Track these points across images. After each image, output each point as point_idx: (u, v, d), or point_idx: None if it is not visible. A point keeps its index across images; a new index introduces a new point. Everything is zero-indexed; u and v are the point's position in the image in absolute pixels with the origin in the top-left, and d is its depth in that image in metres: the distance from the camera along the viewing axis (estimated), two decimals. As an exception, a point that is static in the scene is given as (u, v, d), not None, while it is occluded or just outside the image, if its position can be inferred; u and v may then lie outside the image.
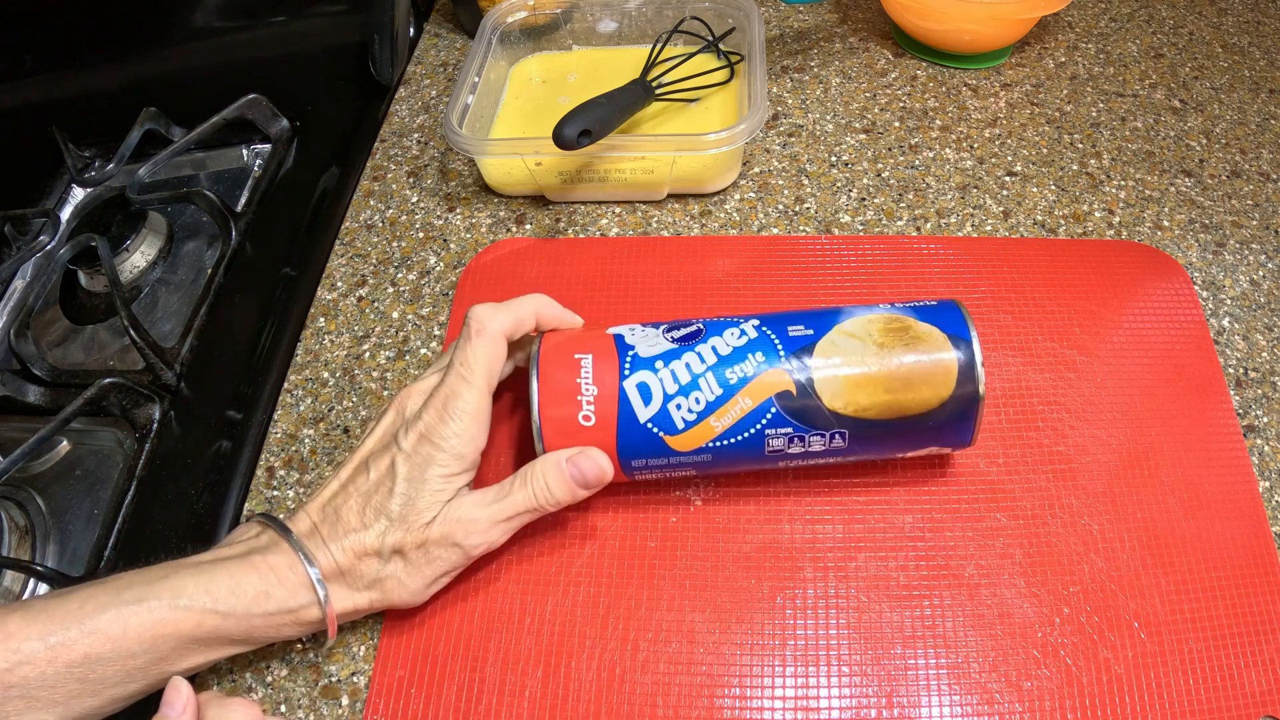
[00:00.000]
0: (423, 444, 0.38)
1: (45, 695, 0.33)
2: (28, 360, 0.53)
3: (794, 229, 0.55)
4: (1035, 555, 0.41)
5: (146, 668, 0.35)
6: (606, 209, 0.57)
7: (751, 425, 0.38)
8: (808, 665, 0.39)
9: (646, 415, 0.38)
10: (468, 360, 0.39)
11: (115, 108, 0.65)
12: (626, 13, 0.64)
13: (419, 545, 0.37)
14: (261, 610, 0.36)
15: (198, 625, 0.35)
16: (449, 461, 0.38)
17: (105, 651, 0.34)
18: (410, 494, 0.37)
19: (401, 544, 0.37)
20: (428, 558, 0.37)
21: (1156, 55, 0.65)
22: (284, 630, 0.37)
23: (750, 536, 0.42)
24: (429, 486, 0.37)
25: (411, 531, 0.37)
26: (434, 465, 0.37)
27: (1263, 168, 0.57)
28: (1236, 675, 0.38)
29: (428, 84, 0.68)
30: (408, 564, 0.37)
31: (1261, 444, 0.45)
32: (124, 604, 0.34)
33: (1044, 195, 0.56)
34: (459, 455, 0.38)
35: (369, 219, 0.59)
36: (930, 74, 0.64)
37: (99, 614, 0.34)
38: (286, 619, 0.36)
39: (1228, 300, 0.50)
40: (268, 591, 0.36)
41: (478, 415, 0.38)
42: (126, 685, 0.35)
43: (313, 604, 0.37)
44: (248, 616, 0.35)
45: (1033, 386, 0.47)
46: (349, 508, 0.38)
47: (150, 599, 0.34)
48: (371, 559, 0.37)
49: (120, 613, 0.34)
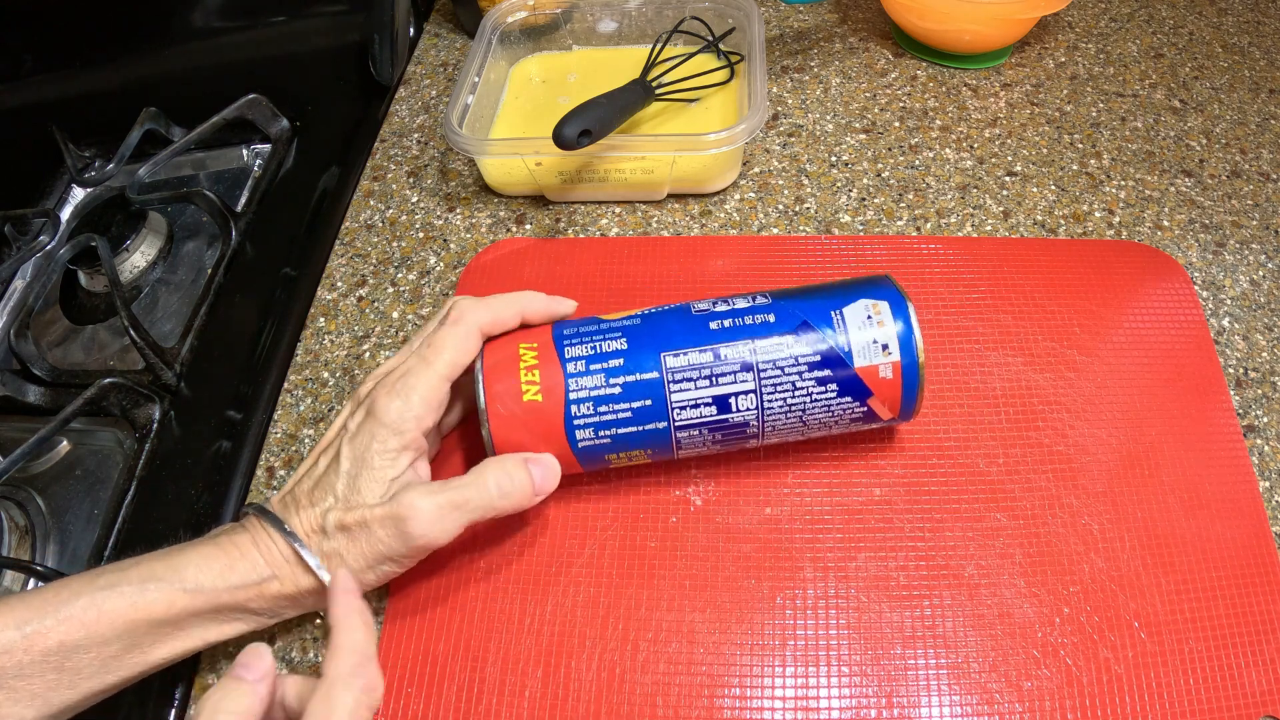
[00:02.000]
0: (367, 421, 0.38)
1: (23, 687, 0.33)
2: (28, 360, 0.53)
3: (794, 229, 0.55)
4: (1035, 555, 0.41)
5: (121, 655, 0.35)
6: (606, 209, 0.57)
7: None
8: (808, 665, 0.39)
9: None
10: (434, 343, 0.39)
11: (115, 108, 0.65)
12: (626, 13, 0.64)
13: (361, 523, 0.37)
14: (226, 584, 0.36)
15: (168, 606, 0.35)
16: (387, 436, 0.37)
17: (80, 638, 0.34)
18: (353, 472, 0.37)
19: (344, 521, 0.37)
20: (369, 537, 0.37)
21: (1156, 55, 0.65)
22: (251, 605, 0.37)
23: (750, 536, 0.42)
24: (370, 464, 0.37)
25: (353, 509, 0.37)
26: (375, 441, 0.37)
27: (1263, 168, 0.57)
28: (1236, 675, 0.38)
29: (428, 84, 0.68)
30: (350, 540, 0.37)
31: (1261, 444, 0.45)
32: (96, 590, 0.35)
33: (1044, 195, 0.56)
34: (398, 430, 0.37)
35: (369, 219, 0.59)
36: (930, 74, 0.64)
37: (73, 601, 0.34)
38: (251, 593, 0.37)
39: (1228, 300, 0.50)
40: (231, 565, 0.36)
41: (427, 396, 0.38)
42: (103, 676, 0.35)
43: (273, 577, 0.37)
44: (214, 593, 0.36)
45: (1033, 386, 0.47)
46: (302, 489, 0.38)
47: (122, 584, 0.35)
48: (318, 535, 0.37)
49: (93, 599, 0.34)
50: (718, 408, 0.39)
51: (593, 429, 0.39)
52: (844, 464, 0.44)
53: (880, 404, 0.39)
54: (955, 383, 0.47)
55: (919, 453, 0.44)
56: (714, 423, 0.39)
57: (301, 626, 0.42)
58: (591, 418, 0.39)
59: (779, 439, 0.41)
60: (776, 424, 0.40)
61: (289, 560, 0.37)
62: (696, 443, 0.40)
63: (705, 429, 0.39)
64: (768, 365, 0.38)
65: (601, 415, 0.38)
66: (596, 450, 0.39)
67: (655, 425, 0.39)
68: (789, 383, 0.38)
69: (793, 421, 0.40)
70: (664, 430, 0.39)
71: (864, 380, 0.39)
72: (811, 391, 0.39)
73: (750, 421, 0.39)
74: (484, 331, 0.40)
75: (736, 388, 0.38)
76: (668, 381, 0.38)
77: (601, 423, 0.39)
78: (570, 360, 0.39)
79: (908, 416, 0.41)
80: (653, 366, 0.38)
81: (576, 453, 0.39)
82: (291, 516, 0.38)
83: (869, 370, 0.38)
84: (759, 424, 0.39)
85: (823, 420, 0.40)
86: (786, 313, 0.39)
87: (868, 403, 0.39)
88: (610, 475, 0.44)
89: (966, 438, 0.45)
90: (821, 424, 0.40)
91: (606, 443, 0.39)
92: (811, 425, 0.40)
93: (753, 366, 0.38)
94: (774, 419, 0.39)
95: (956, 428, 0.45)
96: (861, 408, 0.40)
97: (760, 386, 0.38)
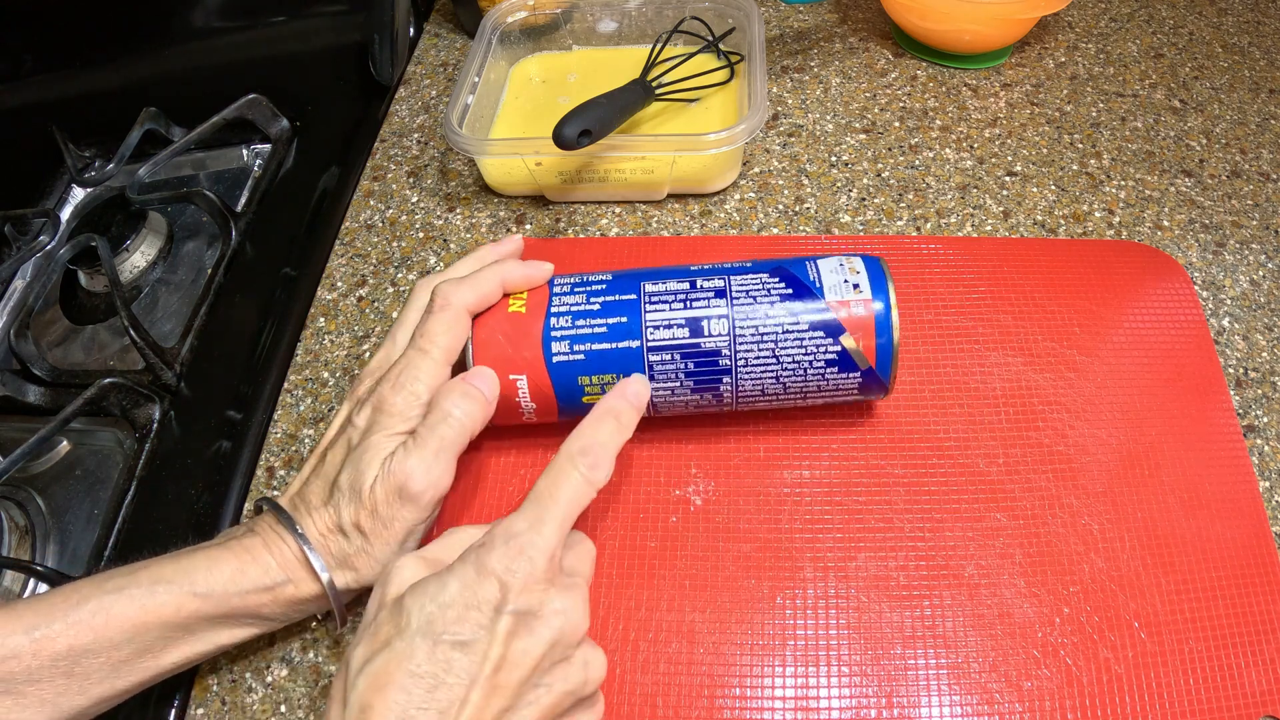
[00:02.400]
0: (377, 415, 0.38)
1: (32, 692, 0.33)
2: (28, 360, 0.53)
3: (794, 229, 0.55)
4: (1035, 555, 0.41)
5: (131, 660, 0.35)
6: (606, 209, 0.57)
7: None
8: (808, 665, 0.39)
9: None
10: (428, 332, 0.39)
11: (115, 108, 0.65)
12: (626, 13, 0.64)
13: (371, 513, 0.37)
14: (238, 589, 0.36)
15: (177, 610, 0.35)
16: (395, 424, 0.38)
17: (89, 643, 0.33)
18: (357, 460, 0.38)
19: (357, 518, 0.37)
20: (383, 522, 0.37)
21: (1156, 55, 0.65)
22: (264, 610, 0.37)
23: (750, 536, 0.42)
24: (372, 448, 0.38)
25: (361, 501, 0.37)
26: (378, 428, 0.38)
27: (1263, 168, 0.57)
28: (1236, 675, 0.38)
29: (428, 84, 0.68)
30: (367, 537, 0.37)
31: (1261, 444, 0.45)
32: (105, 594, 0.34)
33: (1044, 195, 0.56)
34: (405, 417, 0.38)
35: (369, 219, 0.59)
36: (930, 74, 0.64)
37: (81, 605, 0.34)
38: (264, 597, 0.36)
39: (1228, 300, 0.50)
40: (242, 569, 0.36)
41: (432, 386, 0.39)
42: (113, 681, 0.34)
43: (287, 581, 0.37)
44: (225, 596, 0.36)
45: (1033, 386, 0.47)
46: (313, 490, 0.38)
47: (130, 587, 0.35)
48: (337, 535, 0.37)
49: (101, 602, 0.34)
50: (690, 330, 0.39)
51: (569, 341, 0.40)
52: (844, 464, 0.44)
53: (854, 342, 0.39)
54: (955, 383, 0.47)
55: (919, 453, 0.44)
56: (686, 347, 0.39)
57: (302, 627, 0.42)
58: (568, 330, 0.40)
59: (756, 385, 0.40)
60: (749, 358, 0.39)
61: (303, 564, 0.37)
62: (669, 373, 0.40)
63: (678, 354, 0.39)
64: (741, 294, 0.40)
65: (578, 329, 0.40)
66: (570, 370, 0.40)
67: (628, 344, 0.39)
68: (762, 312, 0.39)
69: (765, 356, 0.39)
70: (636, 351, 0.39)
71: (834, 313, 0.39)
72: (784, 323, 0.39)
73: (722, 350, 0.39)
74: (471, 311, 0.40)
75: (710, 311, 0.39)
76: (644, 302, 0.40)
77: (577, 336, 0.40)
78: (557, 283, 0.42)
79: (885, 371, 0.40)
80: (632, 290, 0.41)
81: (550, 369, 0.40)
82: (304, 518, 0.38)
83: (840, 304, 0.39)
84: (731, 355, 0.39)
85: (798, 360, 0.40)
86: (765, 263, 0.41)
87: (840, 341, 0.39)
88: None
89: (966, 438, 0.45)
90: (797, 364, 0.40)
91: (580, 359, 0.40)
92: (786, 365, 0.40)
93: (726, 293, 0.40)
94: (746, 350, 0.39)
95: (956, 428, 0.45)
96: (835, 346, 0.39)
97: (733, 310, 0.39)
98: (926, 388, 0.47)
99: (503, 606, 0.31)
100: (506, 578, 0.31)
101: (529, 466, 0.45)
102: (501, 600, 0.31)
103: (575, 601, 0.33)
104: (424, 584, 0.32)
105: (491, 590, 0.31)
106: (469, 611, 0.31)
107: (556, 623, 0.32)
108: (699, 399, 0.41)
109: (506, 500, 0.44)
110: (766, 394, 0.41)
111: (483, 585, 0.31)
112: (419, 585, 0.32)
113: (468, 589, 0.31)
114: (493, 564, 0.31)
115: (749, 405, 0.42)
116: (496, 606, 0.31)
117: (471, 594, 0.31)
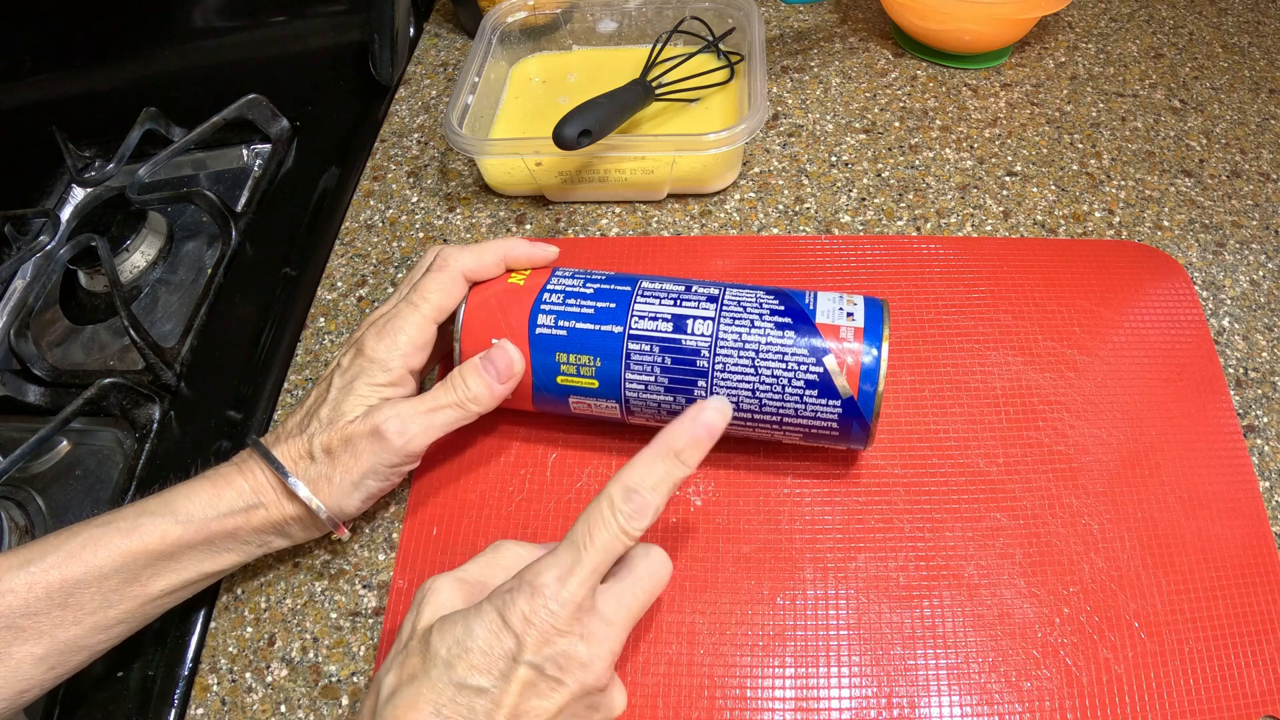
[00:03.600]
0: (357, 358, 0.40)
1: (30, 625, 0.35)
2: (28, 360, 0.53)
3: (794, 229, 0.55)
4: (1035, 555, 0.41)
5: (120, 588, 0.36)
6: (606, 209, 0.57)
7: None
8: (808, 665, 0.39)
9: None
10: (421, 288, 0.41)
11: (115, 108, 0.65)
12: (626, 13, 0.64)
13: (345, 440, 0.39)
14: (215, 512, 0.38)
15: (162, 537, 0.37)
16: (376, 372, 0.40)
17: (80, 574, 0.35)
18: (338, 399, 0.40)
19: (328, 443, 0.39)
20: (353, 451, 0.39)
21: (1156, 55, 0.65)
22: (240, 533, 0.39)
23: (750, 536, 0.42)
24: (356, 393, 0.40)
25: (336, 428, 0.39)
26: (363, 376, 0.40)
27: (1263, 168, 0.57)
28: (1236, 675, 0.38)
29: (428, 84, 0.68)
30: (333, 461, 0.39)
31: (1261, 444, 0.45)
32: (94, 527, 0.37)
33: (1044, 195, 0.56)
34: (386, 367, 0.40)
35: (369, 219, 0.59)
36: (930, 74, 0.64)
37: (72, 539, 0.36)
38: (239, 520, 0.38)
39: (1228, 300, 0.50)
40: (218, 494, 0.38)
41: (415, 338, 0.40)
42: (105, 611, 0.36)
43: (259, 504, 0.39)
44: (205, 522, 0.38)
45: (1033, 386, 0.47)
46: (292, 421, 0.41)
47: (117, 520, 0.37)
48: (306, 460, 0.39)
49: (91, 534, 0.36)
50: (674, 325, 0.39)
51: (555, 316, 0.40)
52: (843, 464, 0.44)
53: (837, 366, 0.38)
54: (955, 382, 0.47)
55: (919, 453, 0.44)
56: (666, 341, 0.39)
57: (302, 627, 0.42)
58: (558, 306, 0.41)
59: (731, 396, 0.39)
60: (728, 363, 0.39)
61: (274, 487, 0.39)
62: (646, 365, 0.39)
63: (658, 347, 0.39)
64: (733, 303, 0.40)
65: (568, 306, 0.41)
66: (550, 343, 0.40)
67: (611, 328, 0.40)
68: (748, 321, 0.39)
69: (744, 366, 0.39)
70: (618, 337, 0.40)
71: (822, 334, 0.38)
72: (769, 334, 0.39)
73: (701, 350, 0.39)
74: (468, 277, 0.42)
75: (698, 312, 0.40)
76: (636, 294, 0.41)
77: (565, 313, 0.40)
78: (561, 269, 0.43)
79: (866, 406, 0.38)
80: (629, 283, 0.41)
81: (531, 339, 0.40)
82: (278, 446, 0.40)
83: (829, 327, 0.39)
84: (710, 357, 0.39)
85: (777, 375, 0.38)
86: (767, 286, 0.41)
87: (824, 362, 0.38)
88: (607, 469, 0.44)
89: (966, 437, 0.45)
90: (776, 380, 0.39)
91: (562, 335, 0.40)
92: (765, 379, 0.39)
93: (718, 299, 0.40)
94: (726, 354, 0.39)
95: (956, 427, 0.45)
96: (818, 367, 0.38)
97: (720, 315, 0.39)
98: (926, 388, 0.47)
99: (519, 657, 0.31)
100: (524, 631, 0.31)
101: (530, 465, 0.45)
102: (518, 651, 0.31)
103: (599, 654, 0.32)
104: (451, 623, 0.32)
105: (509, 642, 0.31)
106: (488, 660, 0.31)
107: (577, 677, 0.32)
108: (671, 400, 0.40)
109: (516, 498, 0.44)
110: (742, 409, 0.40)
111: (502, 635, 0.31)
112: (447, 623, 0.32)
113: (489, 636, 0.31)
114: (514, 616, 0.32)
115: None
116: (514, 657, 0.31)
117: (491, 642, 0.31)
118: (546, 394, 0.41)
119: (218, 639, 0.42)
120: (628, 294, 0.41)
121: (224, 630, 0.42)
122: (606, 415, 0.42)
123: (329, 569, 0.43)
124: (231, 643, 0.42)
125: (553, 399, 0.42)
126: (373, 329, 0.41)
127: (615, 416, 0.42)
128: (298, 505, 0.39)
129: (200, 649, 0.42)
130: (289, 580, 0.43)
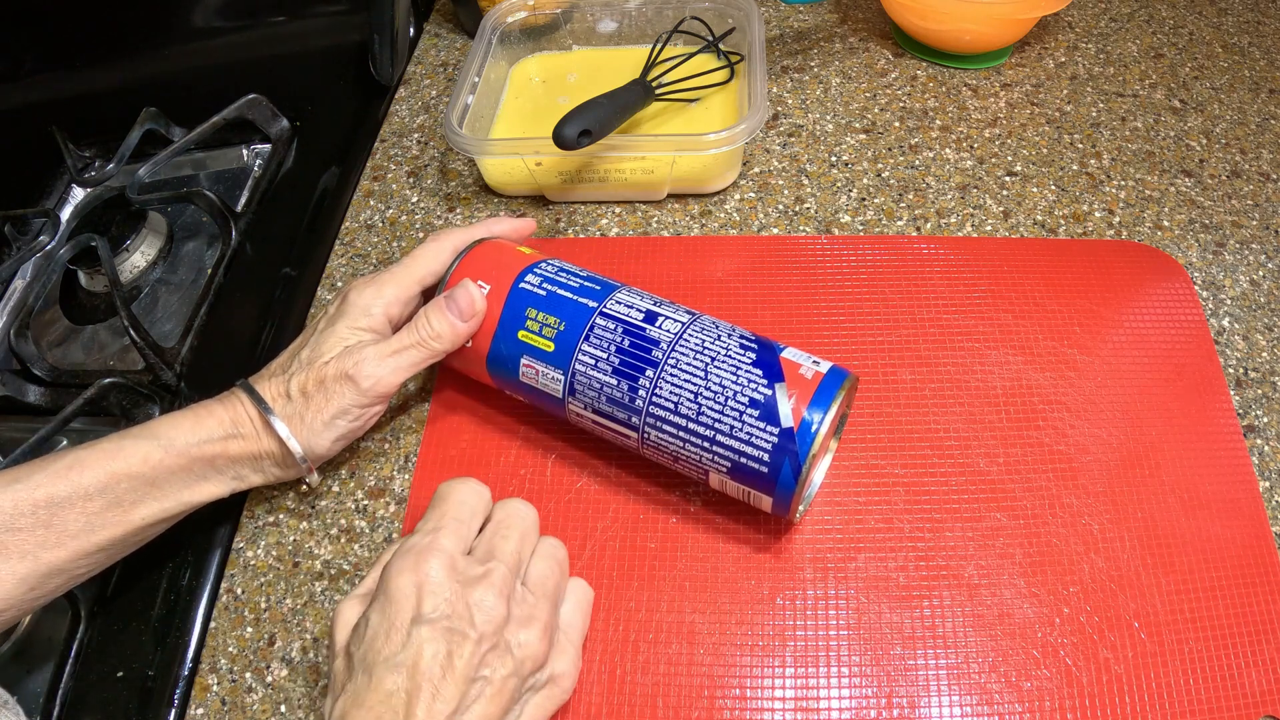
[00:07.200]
0: (342, 304, 0.43)
1: (13, 543, 0.35)
2: (28, 360, 0.53)
3: (794, 229, 0.55)
4: (1035, 555, 0.41)
5: (103, 512, 0.37)
6: (606, 209, 0.57)
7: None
8: (808, 665, 0.39)
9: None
10: (412, 254, 0.45)
11: (115, 108, 0.65)
12: (626, 13, 0.64)
13: (319, 382, 0.41)
14: (195, 439, 0.39)
15: (144, 460, 0.38)
16: (358, 315, 0.42)
17: (65, 492, 0.37)
18: (318, 341, 0.42)
19: (304, 383, 0.41)
20: (325, 392, 0.41)
21: (1156, 55, 0.65)
22: (217, 462, 0.40)
23: (750, 537, 0.42)
24: (336, 334, 0.42)
25: (313, 369, 0.41)
26: (344, 318, 0.43)
27: (1263, 168, 0.57)
28: (1236, 675, 0.38)
29: (428, 84, 0.68)
30: (308, 400, 0.41)
31: (1261, 444, 0.45)
32: (79, 450, 0.38)
33: (1044, 195, 0.56)
34: (368, 312, 0.43)
35: (369, 219, 0.59)
36: (930, 74, 0.64)
37: (58, 460, 0.37)
38: (217, 448, 0.40)
39: (1228, 300, 0.50)
40: (200, 422, 0.40)
41: (399, 292, 0.44)
42: (88, 536, 0.37)
43: (236, 434, 0.40)
44: (185, 448, 0.39)
45: (1033, 386, 0.47)
46: (277, 363, 0.43)
47: (102, 443, 0.38)
48: (283, 399, 0.41)
49: (77, 456, 0.38)
50: (645, 316, 0.41)
51: (542, 279, 0.43)
52: (842, 464, 0.44)
53: (787, 397, 0.37)
54: (955, 382, 0.47)
55: (919, 452, 0.44)
56: (631, 325, 0.40)
57: (302, 627, 0.42)
58: (548, 273, 0.43)
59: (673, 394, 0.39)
60: (682, 362, 0.39)
61: (253, 419, 0.41)
62: (604, 342, 0.40)
63: (622, 328, 0.40)
64: (709, 320, 0.41)
65: (558, 276, 0.43)
66: (525, 298, 0.42)
67: (586, 302, 0.41)
68: (716, 333, 0.40)
69: (695, 369, 0.38)
70: (589, 310, 0.41)
71: (781, 365, 0.39)
72: (731, 349, 0.39)
73: (662, 342, 0.40)
74: (457, 251, 0.45)
75: (672, 314, 0.41)
76: (622, 289, 0.43)
77: (552, 279, 0.43)
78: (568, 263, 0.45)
79: (804, 446, 0.37)
80: (619, 283, 0.43)
81: (512, 289, 0.42)
82: (260, 383, 0.42)
83: (791, 363, 0.39)
84: (665, 352, 0.39)
85: (725, 384, 0.38)
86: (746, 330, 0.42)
87: (775, 387, 0.38)
88: (606, 470, 0.45)
89: (966, 437, 0.45)
90: (722, 388, 0.38)
91: (541, 295, 0.42)
92: (712, 385, 0.38)
93: (697, 316, 0.41)
94: (682, 353, 0.39)
95: (956, 427, 0.45)
96: (767, 388, 0.38)
97: (692, 323, 0.41)
98: (926, 387, 0.47)
99: (419, 618, 0.33)
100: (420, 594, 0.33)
101: (529, 466, 0.45)
102: (417, 613, 0.33)
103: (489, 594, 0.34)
104: (356, 625, 0.34)
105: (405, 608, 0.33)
106: (391, 634, 0.32)
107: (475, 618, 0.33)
108: (615, 384, 0.40)
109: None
110: (679, 412, 0.39)
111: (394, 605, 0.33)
112: (355, 628, 0.34)
113: (382, 614, 0.33)
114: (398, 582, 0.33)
115: (654, 426, 0.40)
116: (413, 619, 0.33)
117: (386, 617, 0.33)
118: (503, 350, 0.42)
119: (218, 639, 0.42)
120: (613, 286, 0.43)
121: (224, 630, 0.42)
122: (548, 391, 0.42)
123: (329, 569, 0.43)
124: (231, 643, 0.42)
125: (506, 358, 0.43)
126: (361, 280, 0.44)
127: (556, 395, 0.42)
128: (274, 440, 0.41)
129: (200, 649, 0.42)
130: (289, 580, 0.43)
